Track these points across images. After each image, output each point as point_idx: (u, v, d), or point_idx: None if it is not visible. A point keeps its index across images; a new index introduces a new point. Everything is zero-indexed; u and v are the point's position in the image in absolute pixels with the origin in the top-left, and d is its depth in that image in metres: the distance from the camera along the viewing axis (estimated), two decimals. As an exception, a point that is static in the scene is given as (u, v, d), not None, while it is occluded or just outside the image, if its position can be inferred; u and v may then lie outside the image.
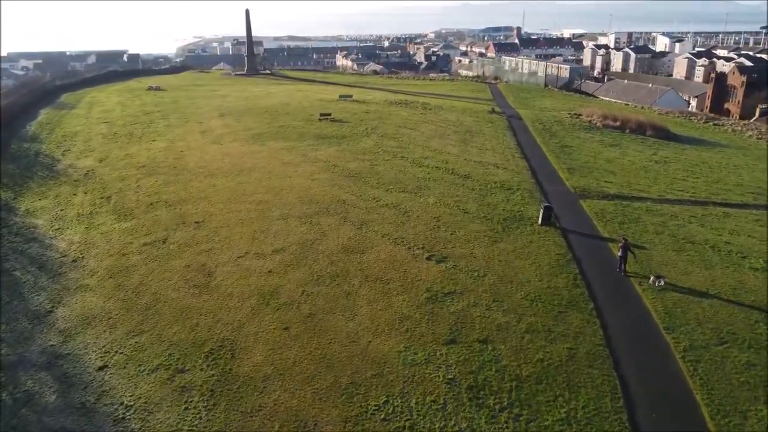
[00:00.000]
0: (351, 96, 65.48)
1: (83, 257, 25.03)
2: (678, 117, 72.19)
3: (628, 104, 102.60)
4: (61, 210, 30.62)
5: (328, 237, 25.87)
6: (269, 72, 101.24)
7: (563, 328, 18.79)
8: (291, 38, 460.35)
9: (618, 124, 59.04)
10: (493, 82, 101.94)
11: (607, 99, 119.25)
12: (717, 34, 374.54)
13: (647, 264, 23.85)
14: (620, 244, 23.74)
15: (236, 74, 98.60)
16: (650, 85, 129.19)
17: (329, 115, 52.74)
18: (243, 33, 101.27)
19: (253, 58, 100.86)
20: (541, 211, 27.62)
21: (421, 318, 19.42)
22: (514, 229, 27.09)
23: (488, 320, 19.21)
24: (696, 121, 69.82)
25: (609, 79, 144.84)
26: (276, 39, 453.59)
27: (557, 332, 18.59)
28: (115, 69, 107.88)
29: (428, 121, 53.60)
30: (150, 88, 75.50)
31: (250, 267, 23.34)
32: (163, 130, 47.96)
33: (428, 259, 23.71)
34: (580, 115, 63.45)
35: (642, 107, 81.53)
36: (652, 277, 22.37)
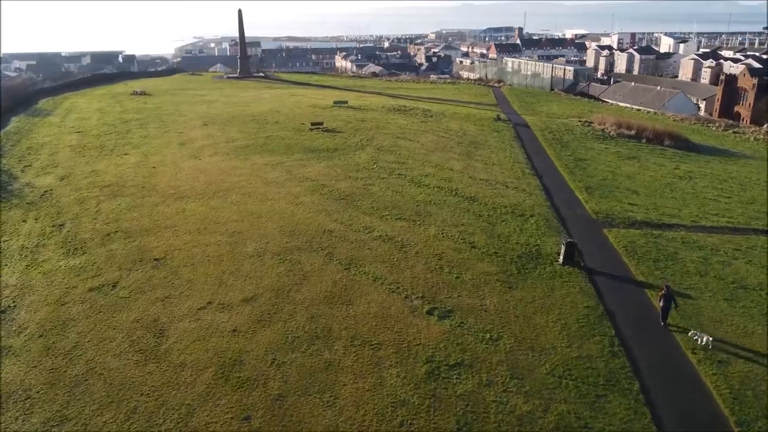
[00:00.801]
0: (346, 102, 61.26)
1: (15, 306, 20.79)
2: (695, 124, 67.92)
3: (638, 109, 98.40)
4: (5, 242, 26.39)
5: (309, 281, 21.64)
6: (263, 75, 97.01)
7: (604, 423, 14.53)
8: (290, 39, 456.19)
9: (633, 132, 54.82)
10: (496, 85, 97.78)
11: (614, 102, 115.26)
12: (719, 34, 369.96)
13: (697, 319, 19.60)
14: (661, 293, 19.54)
15: (228, 77, 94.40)
16: (658, 87, 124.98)
17: (321, 124, 48.50)
18: (237, 34, 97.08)
19: (246, 61, 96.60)
20: (563, 248, 23.37)
21: (420, 404, 15.18)
22: (531, 270, 22.84)
23: (506, 408, 14.96)
24: (714, 128, 65.56)
25: (615, 81, 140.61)
26: (275, 39, 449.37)
27: (597, 429, 14.34)
28: (103, 72, 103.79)
29: (429, 131, 49.35)
30: (134, 93, 71.30)
31: (212, 323, 19.09)
32: (139, 142, 43.72)
33: (429, 313, 19.45)
34: (591, 122, 59.21)
35: (656, 113, 77.22)
36: (692, 331, 18.32)
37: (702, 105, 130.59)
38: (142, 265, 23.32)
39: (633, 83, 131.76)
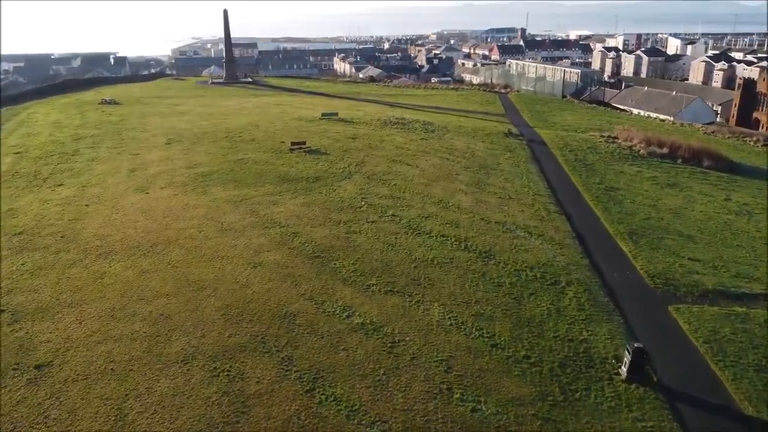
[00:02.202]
0: (336, 114, 53.88)
1: None
2: (729, 138, 60.48)
3: (655, 116, 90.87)
4: None
5: (250, 417, 14.31)
6: (250, 80, 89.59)
7: None
8: (289, 40, 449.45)
9: (666, 151, 47.45)
10: (503, 91, 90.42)
11: (626, 108, 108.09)
12: (725, 35, 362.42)
13: None
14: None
15: (213, 83, 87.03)
16: (673, 92, 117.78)
17: (303, 143, 41.15)
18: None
19: (233, 65, 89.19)
20: (628, 357, 15.99)
21: None
22: (582, 392, 15.48)
23: None
24: (753, 143, 58.12)
25: (626, 86, 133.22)
26: (274, 40, 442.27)
27: None
28: (76, 78, 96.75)
29: (430, 151, 42.00)
30: (103, 102, 64.00)
31: None
32: (82, 167, 36.39)
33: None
34: (615, 138, 51.83)
35: (682, 124, 69.77)
36: None
37: (717, 109, 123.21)
38: (14, 378, 16.01)
39: (646, 88, 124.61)
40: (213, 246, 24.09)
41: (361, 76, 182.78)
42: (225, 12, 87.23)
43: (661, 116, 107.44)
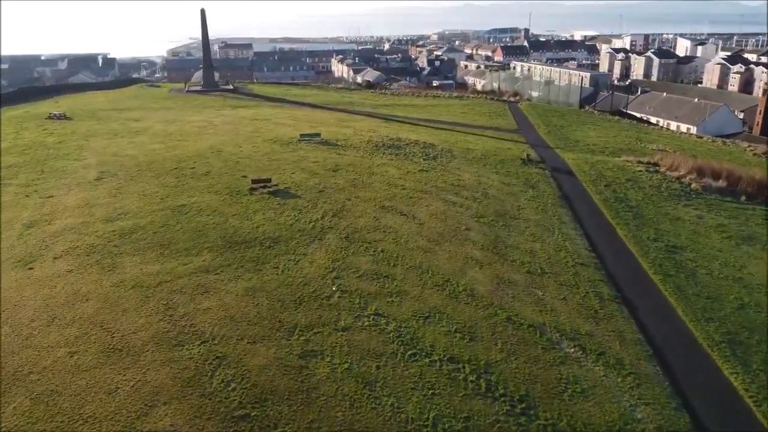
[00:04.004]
0: (318, 135, 44.60)
1: None
2: (786, 161, 51.11)
3: (679, 128, 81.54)
4: None
5: None
6: (232, 87, 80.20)
7: None
8: (287, 40, 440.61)
9: (724, 184, 38.23)
10: (512, 100, 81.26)
11: (643, 116, 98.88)
12: (732, 35, 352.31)
13: None
14: None
15: (189, 91, 77.64)
16: (695, 99, 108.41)
17: (268, 181, 31.91)
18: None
19: (211, 71, 79.72)
20: None
21: None
22: None
23: None
24: (817, 169, 48.69)
25: (643, 91, 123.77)
26: (272, 41, 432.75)
27: None
28: (38, 85, 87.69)
29: (431, 190, 32.76)
30: (51, 117, 54.83)
31: None
32: (-36, 220, 27.20)
33: None
34: (656, 165, 42.61)
35: (724, 143, 60.36)
36: None
37: (739, 116, 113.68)
38: None
39: (665, 94, 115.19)
40: (78, 391, 14.85)
41: (359, 79, 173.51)
42: (202, 12, 78.07)
43: (683, 126, 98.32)
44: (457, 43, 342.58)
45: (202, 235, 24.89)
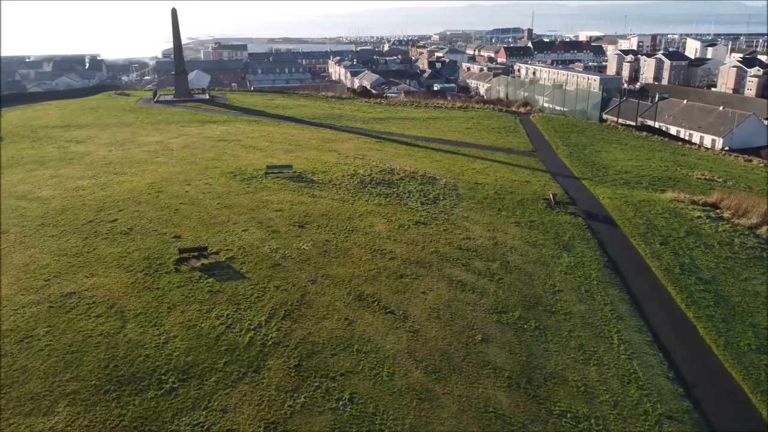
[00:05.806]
0: (290, 167, 35.51)
1: None
2: None
3: (703, 140, 71.95)
4: None
5: None
6: (208, 97, 71.02)
7: None
8: (285, 40, 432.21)
9: (814, 239, 29.18)
10: (522, 111, 72.26)
11: (663, 125, 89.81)
12: (738, 36, 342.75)
13: None
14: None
15: (159, 101, 68.43)
16: (721, 107, 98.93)
17: (204, 250, 22.84)
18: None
19: (183, 78, 70.55)
20: None
21: None
22: None
23: None
24: None
25: (661, 98, 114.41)
26: (270, 41, 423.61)
27: None
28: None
29: (432, 261, 23.68)
30: (-22, 137, 45.89)
31: None
32: None
33: None
34: (716, 207, 33.57)
35: (765, 165, 51.10)
36: None
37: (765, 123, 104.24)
38: None
39: (685, 101, 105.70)
40: None
41: (356, 82, 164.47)
42: (173, 11, 68.96)
43: (707, 137, 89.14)
44: (458, 43, 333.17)
45: (71, 365, 15.85)
